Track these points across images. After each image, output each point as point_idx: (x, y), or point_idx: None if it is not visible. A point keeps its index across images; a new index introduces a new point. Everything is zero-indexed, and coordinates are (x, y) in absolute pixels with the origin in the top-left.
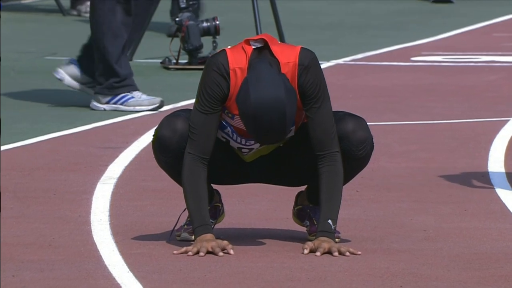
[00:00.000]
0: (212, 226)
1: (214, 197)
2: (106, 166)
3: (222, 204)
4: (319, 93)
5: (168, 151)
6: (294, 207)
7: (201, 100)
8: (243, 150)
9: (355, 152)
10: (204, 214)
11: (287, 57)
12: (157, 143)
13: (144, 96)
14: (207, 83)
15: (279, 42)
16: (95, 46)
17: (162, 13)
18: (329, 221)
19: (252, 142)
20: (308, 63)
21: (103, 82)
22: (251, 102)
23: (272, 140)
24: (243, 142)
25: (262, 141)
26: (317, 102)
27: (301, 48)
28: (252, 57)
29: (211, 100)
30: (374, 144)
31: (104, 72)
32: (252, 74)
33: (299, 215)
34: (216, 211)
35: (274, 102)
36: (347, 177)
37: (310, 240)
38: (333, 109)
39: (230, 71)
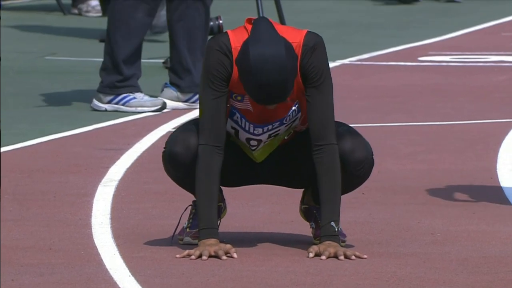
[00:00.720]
0: (218, 224)
1: (218, 197)
2: (107, 168)
3: (224, 201)
4: (321, 78)
5: (180, 167)
6: (301, 204)
7: (207, 84)
8: (251, 142)
9: (353, 172)
10: (213, 216)
11: (292, 37)
12: (169, 158)
13: (146, 97)
14: (210, 65)
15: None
16: (107, 39)
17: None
18: (332, 223)
19: (260, 130)
20: (314, 45)
21: (103, 77)
22: (249, 57)
23: (273, 98)
24: (251, 129)
25: (262, 99)
26: (319, 87)
27: (308, 31)
28: None
29: (218, 82)
30: (374, 160)
31: (107, 67)
32: (251, 35)
33: (306, 213)
34: (219, 211)
35: (273, 55)
36: (346, 191)
37: (315, 244)
38: (338, 115)
39: (232, 49)
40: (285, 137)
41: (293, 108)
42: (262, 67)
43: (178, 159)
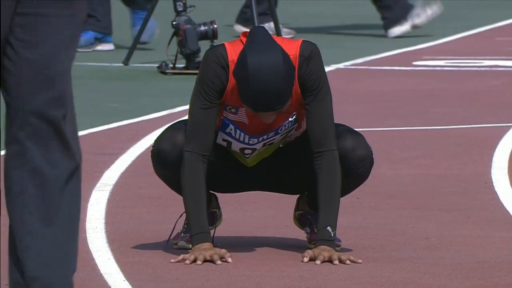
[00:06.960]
0: (212, 233)
1: (212, 202)
2: (101, 172)
3: (219, 209)
4: (319, 85)
5: (167, 165)
6: (295, 211)
7: (200, 94)
8: (245, 151)
9: (355, 170)
10: (203, 220)
11: (288, 50)
12: (156, 156)
13: None
14: (206, 75)
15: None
16: None
17: (161, 16)
18: (328, 228)
19: (255, 140)
20: (309, 54)
21: None
22: (247, 65)
23: (271, 105)
24: (246, 140)
25: (260, 106)
26: (317, 95)
27: (303, 40)
28: None
29: (211, 93)
30: (374, 160)
31: None
32: (248, 43)
33: (300, 220)
34: (214, 217)
35: (271, 63)
36: (346, 191)
37: (310, 248)
38: (334, 120)
39: (229, 62)
40: (280, 145)
41: (290, 119)
42: (260, 74)
43: (164, 156)
